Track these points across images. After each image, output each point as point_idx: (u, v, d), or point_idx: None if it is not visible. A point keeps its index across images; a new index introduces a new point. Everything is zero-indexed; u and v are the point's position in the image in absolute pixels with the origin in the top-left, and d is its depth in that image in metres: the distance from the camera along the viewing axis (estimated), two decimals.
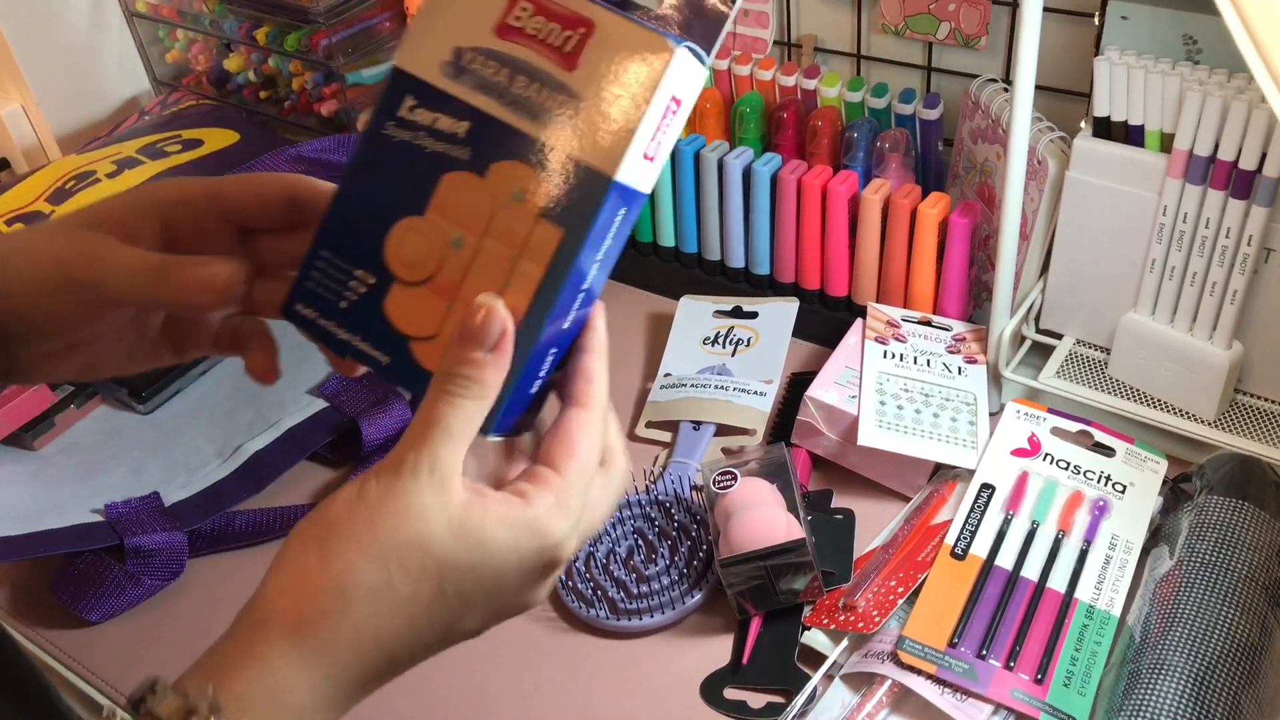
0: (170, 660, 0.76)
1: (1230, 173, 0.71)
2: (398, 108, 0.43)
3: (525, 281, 0.41)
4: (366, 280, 0.43)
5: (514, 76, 0.41)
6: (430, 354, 0.42)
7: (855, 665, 0.68)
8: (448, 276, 0.42)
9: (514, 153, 0.41)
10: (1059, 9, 0.86)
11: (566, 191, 0.41)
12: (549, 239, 0.41)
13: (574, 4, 0.41)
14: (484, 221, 0.42)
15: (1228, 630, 0.63)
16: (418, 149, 0.42)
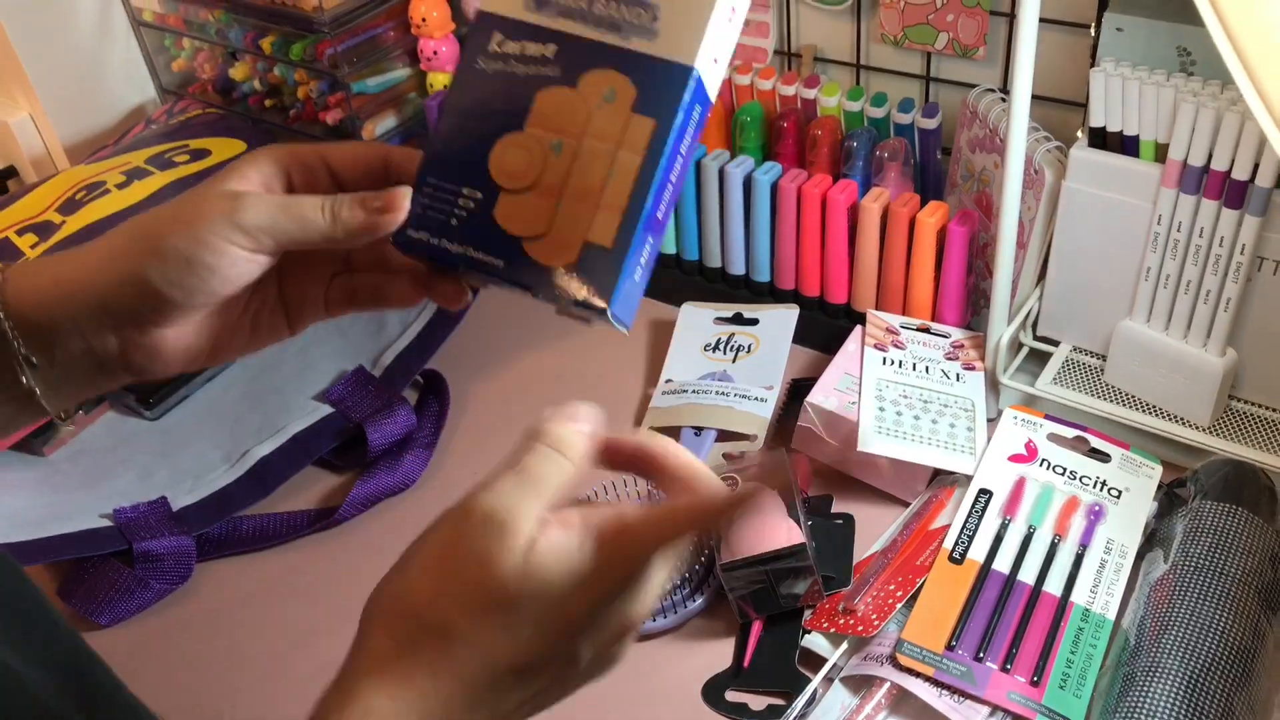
0: (179, 663, 0.78)
1: (1223, 183, 0.72)
2: (487, 43, 0.47)
3: (626, 170, 0.45)
4: (474, 196, 0.47)
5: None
6: (542, 250, 0.46)
7: (854, 668, 0.69)
8: (551, 177, 0.46)
9: (601, 62, 0.46)
10: (1056, 20, 0.87)
11: (653, 86, 0.45)
12: (643, 128, 0.45)
13: None
14: (581, 124, 0.46)
15: (1221, 633, 0.64)
16: (510, 75, 0.47)
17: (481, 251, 0.47)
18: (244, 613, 0.81)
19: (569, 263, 0.46)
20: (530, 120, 0.47)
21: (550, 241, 0.46)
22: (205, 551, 0.85)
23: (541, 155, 0.46)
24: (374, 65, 1.13)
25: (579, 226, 0.46)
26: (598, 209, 0.46)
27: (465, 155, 0.47)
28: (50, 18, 1.19)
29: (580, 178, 0.46)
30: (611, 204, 0.46)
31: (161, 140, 1.12)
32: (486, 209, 0.47)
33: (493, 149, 0.47)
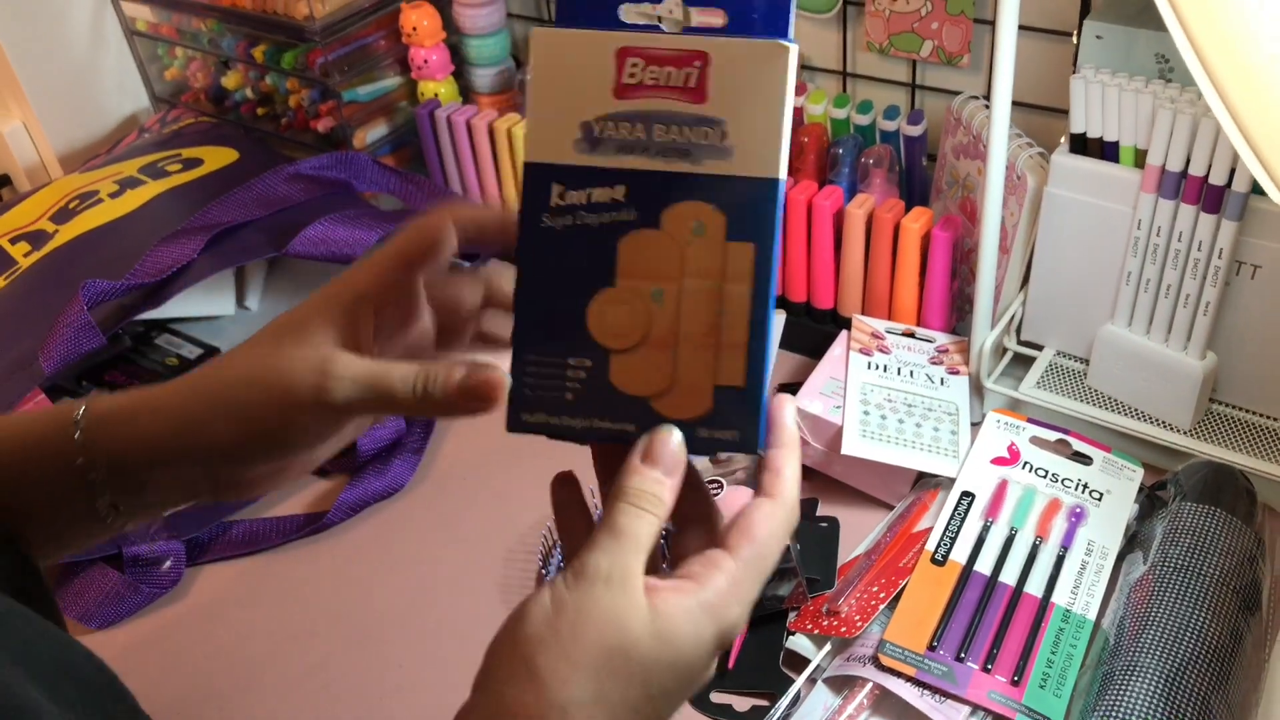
0: (168, 666, 0.79)
1: (1201, 188, 0.73)
2: (547, 198, 0.43)
3: (738, 303, 0.43)
4: (583, 365, 0.44)
5: (650, 128, 0.43)
6: (673, 405, 0.44)
7: (837, 669, 0.70)
8: (661, 328, 0.43)
9: (679, 195, 0.43)
10: (1038, 28, 0.88)
11: (742, 208, 0.43)
12: (744, 255, 0.43)
13: (679, 42, 0.42)
14: (676, 266, 0.43)
15: (1198, 633, 0.64)
16: (584, 227, 0.43)
17: (608, 420, 0.44)
18: (233, 617, 0.82)
19: (705, 412, 0.44)
20: (620, 272, 0.43)
21: (679, 394, 0.43)
22: (195, 556, 0.85)
23: (644, 308, 0.43)
24: (365, 74, 1.14)
25: (705, 373, 0.43)
26: (719, 350, 0.43)
27: (560, 323, 0.44)
28: (44, 27, 1.20)
29: (692, 322, 0.43)
30: (733, 342, 0.43)
31: (154, 149, 1.13)
32: (601, 375, 0.44)
33: (588, 311, 0.43)
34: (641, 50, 0.43)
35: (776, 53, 0.42)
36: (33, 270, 0.97)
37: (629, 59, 0.43)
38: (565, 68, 0.43)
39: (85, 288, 0.84)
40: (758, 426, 0.43)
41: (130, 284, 0.86)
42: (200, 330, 1.03)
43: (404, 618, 0.80)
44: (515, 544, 0.83)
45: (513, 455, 0.92)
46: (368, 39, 1.13)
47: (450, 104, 1.11)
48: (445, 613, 0.79)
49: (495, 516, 0.86)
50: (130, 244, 0.94)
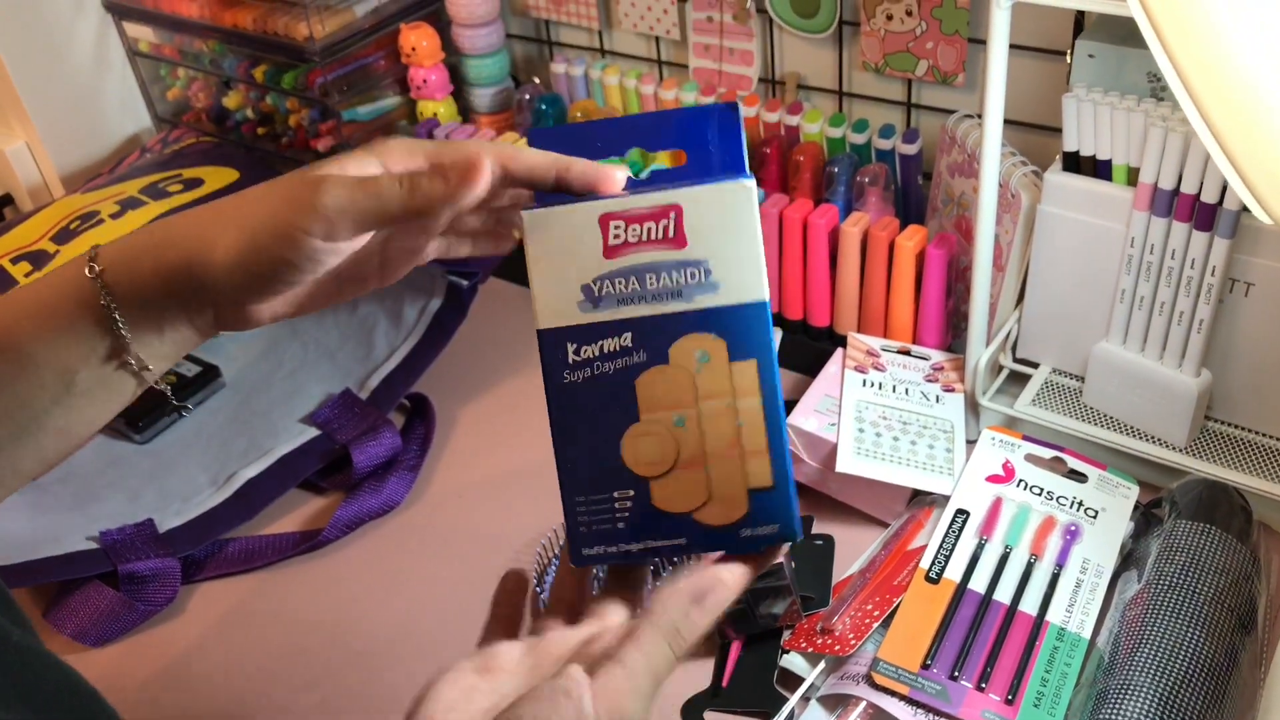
0: (164, 683, 0.79)
1: (1193, 206, 0.73)
2: (565, 357, 0.48)
3: (752, 414, 0.47)
4: (627, 496, 0.48)
5: (643, 278, 0.47)
6: (714, 514, 0.48)
7: (831, 687, 0.70)
8: (689, 450, 0.47)
9: (680, 330, 0.47)
10: (1031, 47, 0.89)
11: (738, 332, 0.47)
12: (748, 372, 0.47)
13: (651, 200, 0.47)
14: (690, 393, 0.47)
15: (1193, 652, 0.64)
16: (601, 376, 0.48)
17: (660, 539, 0.48)
18: (228, 634, 0.82)
19: (744, 515, 0.47)
20: (642, 408, 0.48)
21: (716, 505, 0.48)
22: (190, 573, 0.85)
23: (670, 436, 0.47)
24: (365, 94, 1.15)
25: (737, 481, 0.47)
26: (744, 458, 0.47)
27: (600, 465, 0.48)
28: (47, 47, 1.21)
29: (715, 440, 0.47)
30: (755, 449, 0.47)
31: (155, 169, 1.14)
32: (644, 501, 0.48)
33: (622, 448, 0.48)
34: (621, 214, 0.47)
35: (739, 192, 0.47)
36: None
37: (612, 222, 0.47)
38: (557, 240, 0.47)
39: None
40: (792, 516, 0.48)
41: None
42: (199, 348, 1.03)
43: (398, 635, 0.80)
44: (510, 562, 0.83)
45: (508, 474, 0.92)
46: (367, 59, 1.14)
47: (449, 123, 1.12)
48: (439, 630, 0.79)
49: (490, 535, 0.86)
50: None
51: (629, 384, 0.47)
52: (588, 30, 1.15)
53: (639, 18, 1.09)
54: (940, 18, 0.92)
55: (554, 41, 1.19)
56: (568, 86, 1.12)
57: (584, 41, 1.17)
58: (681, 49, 1.10)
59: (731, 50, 1.04)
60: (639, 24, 1.10)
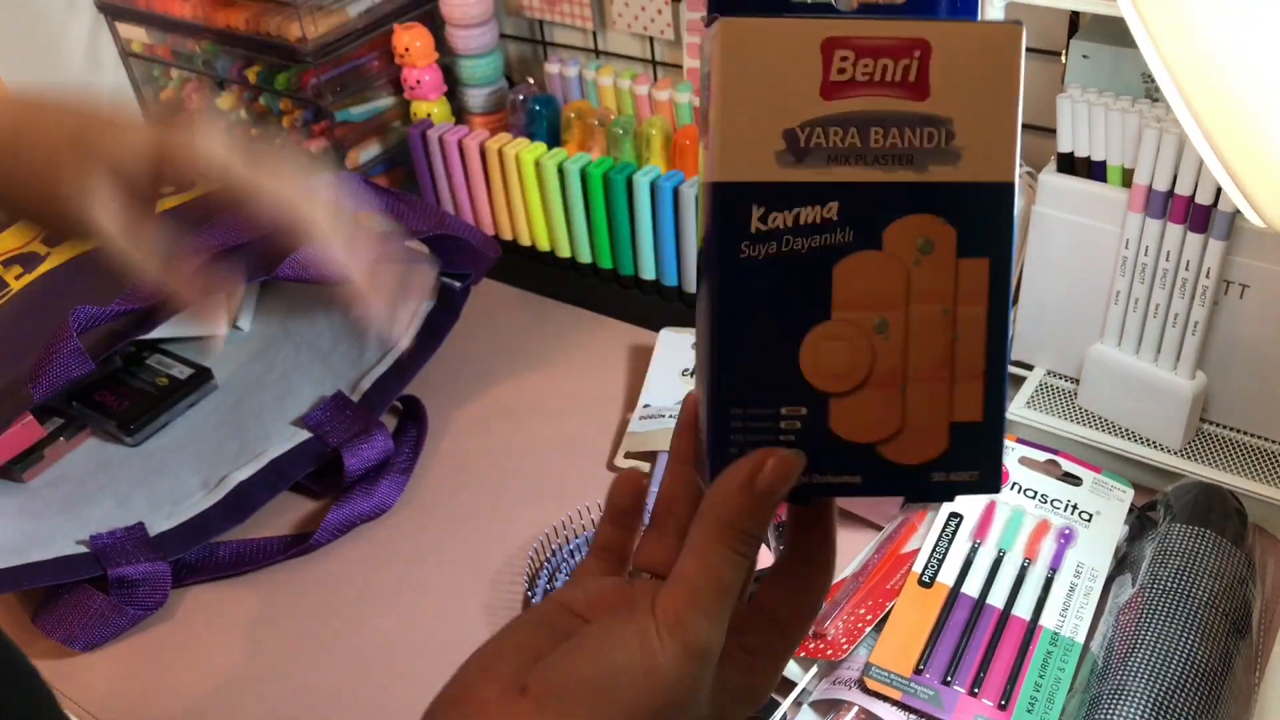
0: (153, 689, 0.78)
1: (1188, 207, 0.73)
2: (746, 224, 0.37)
3: (974, 327, 0.38)
4: (797, 413, 0.38)
5: (865, 132, 0.37)
6: (904, 450, 0.38)
7: (823, 692, 0.69)
8: (887, 365, 0.38)
9: (903, 208, 0.37)
10: (1027, 47, 0.88)
11: (974, 218, 0.37)
12: (978, 273, 0.38)
13: (893, 29, 0.36)
14: (901, 291, 0.37)
15: (1187, 657, 0.64)
16: (791, 255, 0.37)
17: (830, 474, 0.38)
18: (219, 638, 0.81)
19: (941, 453, 0.38)
20: (837, 303, 0.37)
21: (910, 437, 0.38)
22: (181, 577, 0.85)
23: (866, 343, 0.38)
24: (358, 94, 1.14)
25: (940, 410, 0.38)
26: (955, 383, 0.38)
27: (769, 368, 0.38)
28: (39, 48, 1.21)
29: (922, 355, 0.38)
30: (969, 372, 0.38)
31: None
32: (819, 424, 0.38)
33: (800, 351, 0.38)
34: (851, 41, 0.36)
35: (1009, 37, 0.36)
36: (24, 293, 0.97)
37: (838, 51, 0.36)
38: (762, 65, 0.36)
39: (75, 314, 0.84)
40: (999, 463, 0.39)
41: (120, 309, 0.86)
42: (191, 350, 1.03)
43: (390, 639, 0.79)
44: (502, 566, 0.83)
45: (501, 477, 0.91)
46: (360, 60, 1.14)
47: (443, 124, 1.11)
48: (431, 634, 0.79)
49: (482, 538, 0.86)
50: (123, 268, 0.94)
51: (826, 269, 0.37)
52: (582, 30, 1.15)
53: (633, 18, 1.09)
54: None
55: (548, 42, 1.19)
56: (562, 87, 1.11)
57: (578, 42, 1.16)
58: (676, 49, 1.09)
59: None
60: (633, 24, 1.09)
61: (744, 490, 0.36)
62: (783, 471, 0.36)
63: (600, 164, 1.00)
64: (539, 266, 1.09)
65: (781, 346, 0.37)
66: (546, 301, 1.10)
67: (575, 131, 1.06)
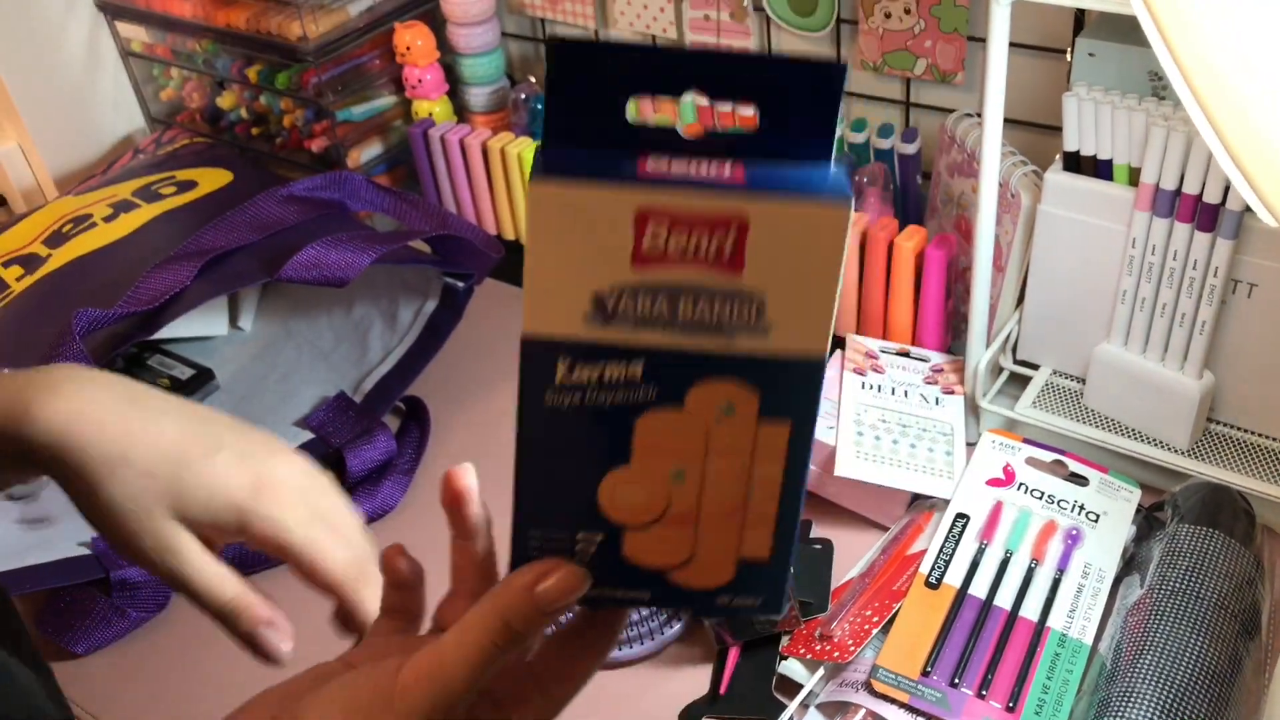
0: (155, 692, 0.78)
1: (1195, 206, 0.72)
2: (552, 375, 0.37)
3: (767, 483, 0.39)
4: (593, 539, 0.40)
5: (674, 302, 0.36)
6: (692, 576, 0.40)
7: (830, 694, 0.69)
8: (680, 507, 0.39)
9: (708, 373, 0.37)
10: (1031, 45, 0.88)
11: (778, 388, 0.37)
12: (777, 436, 0.38)
13: (711, 204, 0.35)
14: (699, 448, 0.38)
15: (1196, 658, 0.63)
16: (594, 407, 0.38)
17: (619, 590, 0.41)
18: (221, 641, 0.80)
19: (726, 582, 0.40)
20: (637, 452, 0.38)
21: (698, 566, 0.40)
22: None
23: (662, 488, 0.39)
24: (359, 93, 1.14)
25: (728, 548, 0.40)
26: (744, 527, 0.39)
27: (568, 501, 0.39)
28: (39, 47, 1.20)
29: (716, 502, 0.39)
30: (759, 519, 0.39)
31: (149, 171, 1.13)
32: (613, 549, 0.40)
33: (599, 488, 0.39)
34: (664, 212, 0.35)
35: (834, 220, 0.35)
36: (26, 295, 0.97)
37: (651, 222, 0.35)
38: (572, 230, 0.35)
39: (78, 317, 0.83)
40: (782, 592, 0.41)
41: (123, 312, 0.85)
42: (193, 351, 1.03)
43: None
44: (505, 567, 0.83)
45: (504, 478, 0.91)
46: (362, 59, 1.13)
47: (444, 123, 1.11)
48: None
49: None
50: (124, 269, 0.93)
51: (627, 423, 0.38)
52: (584, 29, 1.14)
53: (635, 16, 1.08)
54: (939, 16, 0.91)
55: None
56: None
57: None
58: None
59: (729, 48, 1.03)
60: (635, 23, 1.09)
61: (525, 591, 0.39)
62: (564, 586, 0.39)
63: None
64: None
65: (580, 484, 0.39)
66: None
67: None
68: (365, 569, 0.55)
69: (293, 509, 0.53)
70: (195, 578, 0.53)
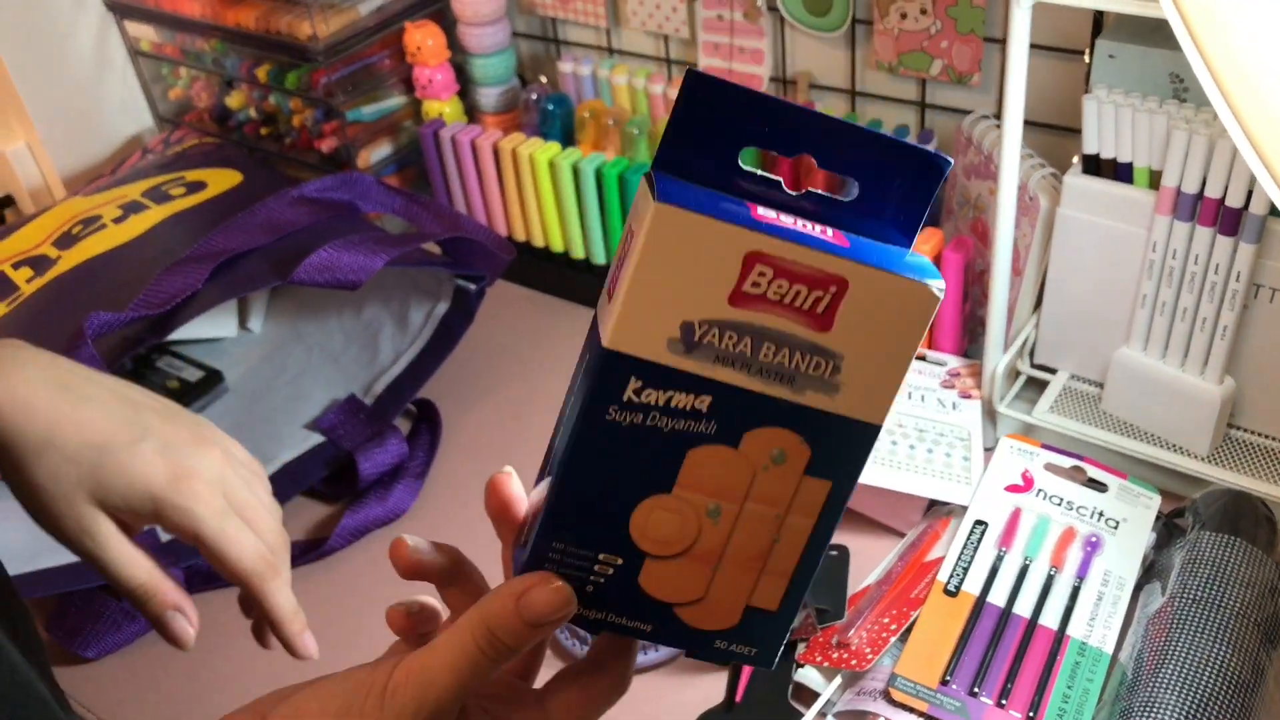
0: (164, 696, 0.77)
1: (1217, 210, 0.72)
2: (621, 391, 0.38)
3: (796, 535, 0.40)
4: (613, 562, 0.41)
5: (758, 345, 0.38)
6: (698, 616, 0.41)
7: (848, 703, 0.68)
8: (707, 544, 0.40)
9: (769, 419, 0.39)
10: (1049, 46, 0.87)
11: (831, 446, 0.39)
12: (817, 492, 0.39)
13: (819, 261, 0.37)
14: (743, 489, 0.39)
15: (1219, 667, 0.62)
16: (653, 430, 0.39)
17: (624, 618, 0.41)
18: (232, 645, 0.80)
19: (729, 627, 0.41)
20: (680, 482, 0.39)
21: (708, 607, 0.41)
22: (194, 583, 0.84)
23: (696, 521, 0.40)
24: (369, 93, 1.13)
25: (740, 593, 0.41)
26: (761, 575, 0.41)
27: (600, 518, 0.40)
28: (48, 47, 1.20)
29: (743, 545, 0.40)
30: (778, 570, 0.41)
31: (158, 171, 1.12)
32: (629, 576, 0.41)
33: (634, 512, 0.40)
34: (773, 260, 0.36)
35: (924, 298, 0.37)
36: (36, 297, 0.96)
37: (758, 265, 0.37)
38: (683, 257, 0.36)
39: (89, 320, 0.83)
40: (778, 648, 0.42)
41: (134, 316, 0.85)
42: (202, 352, 1.02)
43: None
44: None
45: None
46: (371, 59, 1.12)
47: (455, 123, 1.10)
48: None
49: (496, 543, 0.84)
50: (134, 271, 0.93)
51: (680, 452, 0.39)
52: (595, 29, 1.14)
53: (647, 16, 1.08)
54: (955, 16, 0.90)
55: (561, 40, 1.18)
56: (575, 86, 1.10)
57: (592, 40, 1.15)
58: (691, 48, 1.08)
59: (742, 49, 1.03)
60: (648, 22, 1.08)
61: (512, 600, 0.39)
62: (550, 601, 0.39)
63: (615, 164, 0.98)
64: (553, 268, 1.08)
65: (617, 504, 0.40)
66: (561, 303, 1.09)
67: (589, 131, 1.05)
68: (274, 562, 0.58)
69: (207, 501, 0.56)
70: (111, 561, 0.56)
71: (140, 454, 0.55)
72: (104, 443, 0.54)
